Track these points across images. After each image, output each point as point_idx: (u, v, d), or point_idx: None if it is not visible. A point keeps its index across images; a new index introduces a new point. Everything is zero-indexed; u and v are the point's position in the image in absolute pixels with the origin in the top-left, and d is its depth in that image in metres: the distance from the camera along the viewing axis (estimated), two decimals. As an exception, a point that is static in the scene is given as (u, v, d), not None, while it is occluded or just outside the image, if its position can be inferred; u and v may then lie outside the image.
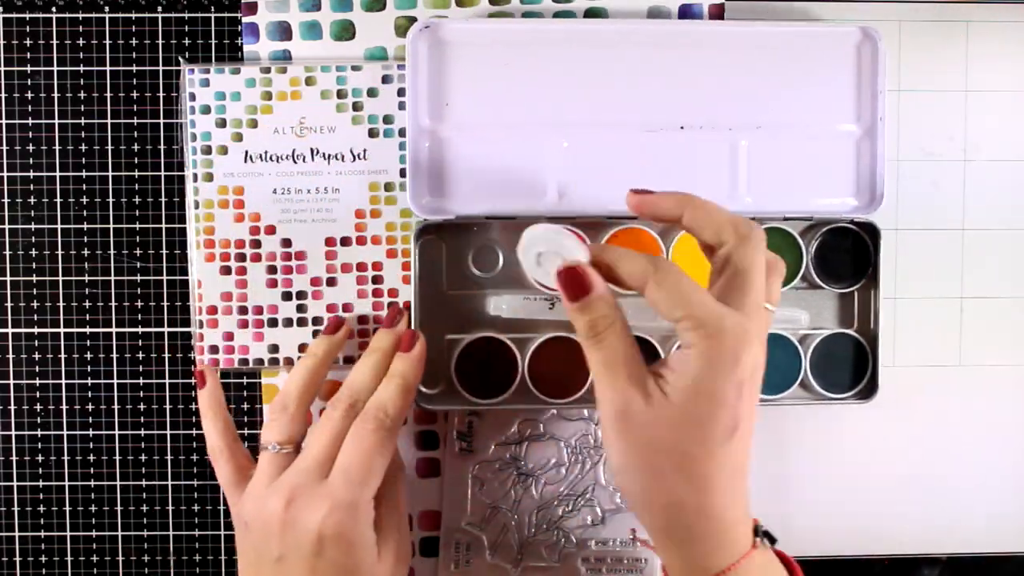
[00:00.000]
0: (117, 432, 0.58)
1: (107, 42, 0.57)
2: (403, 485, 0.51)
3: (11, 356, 0.58)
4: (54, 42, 0.57)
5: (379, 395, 0.49)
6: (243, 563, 0.48)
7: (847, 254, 0.56)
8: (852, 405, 0.56)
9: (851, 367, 0.56)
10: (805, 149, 0.56)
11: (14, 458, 0.58)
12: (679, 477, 0.42)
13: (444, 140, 0.54)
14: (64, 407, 0.58)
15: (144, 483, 0.58)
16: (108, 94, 0.57)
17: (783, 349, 0.55)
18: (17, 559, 0.58)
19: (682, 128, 0.55)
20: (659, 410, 0.41)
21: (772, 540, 0.45)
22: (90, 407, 0.58)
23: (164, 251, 0.57)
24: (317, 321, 0.56)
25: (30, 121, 0.57)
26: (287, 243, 0.56)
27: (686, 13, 0.56)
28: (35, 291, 0.57)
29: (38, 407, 0.58)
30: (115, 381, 0.58)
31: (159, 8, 0.57)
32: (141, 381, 0.58)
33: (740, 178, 0.55)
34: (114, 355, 0.58)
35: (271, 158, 0.55)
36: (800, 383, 0.56)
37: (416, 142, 0.54)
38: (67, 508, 0.58)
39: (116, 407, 0.58)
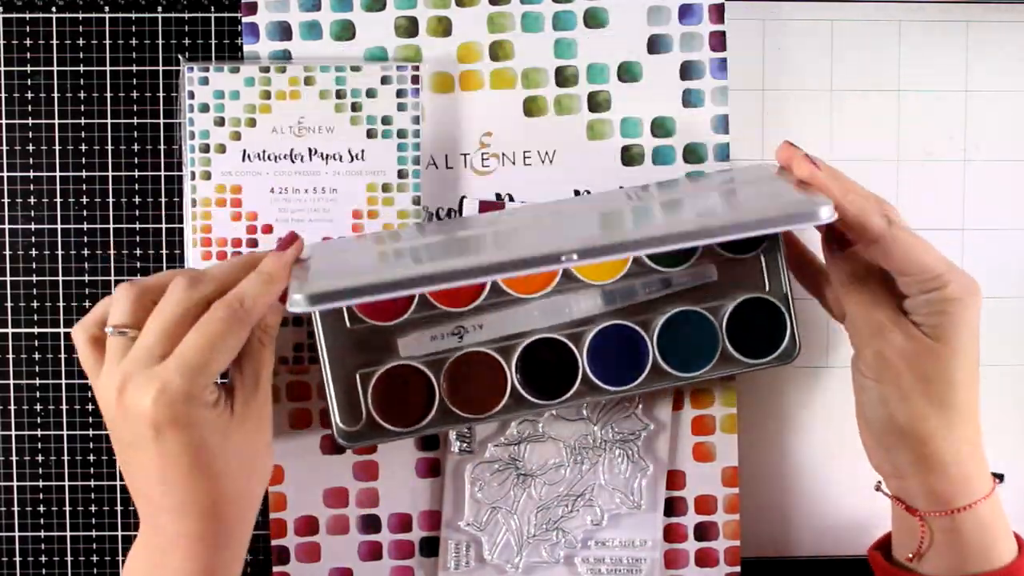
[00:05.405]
0: (117, 432, 0.58)
1: (107, 42, 0.57)
2: (268, 366, 0.49)
3: (11, 356, 0.58)
4: (54, 42, 0.57)
5: (240, 286, 0.47)
6: (113, 444, 0.47)
7: None
8: (773, 368, 0.55)
9: (769, 331, 0.55)
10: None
11: (14, 458, 0.58)
12: (939, 408, 0.47)
13: None
14: (64, 407, 0.58)
15: (144, 483, 0.58)
16: (108, 94, 0.57)
17: (697, 325, 0.54)
18: (17, 559, 0.58)
19: None
20: (921, 343, 0.47)
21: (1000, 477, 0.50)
22: (90, 407, 0.58)
23: (164, 251, 0.58)
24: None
25: (30, 121, 0.57)
26: (284, 243, 0.56)
27: (685, 13, 0.56)
28: (35, 291, 0.57)
29: (38, 407, 0.58)
30: (115, 381, 0.58)
31: (159, 8, 0.57)
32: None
33: None
34: (114, 355, 0.58)
35: (269, 157, 0.55)
36: (721, 355, 0.55)
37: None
38: (67, 508, 0.58)
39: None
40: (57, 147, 0.57)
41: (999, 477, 0.50)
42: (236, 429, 0.47)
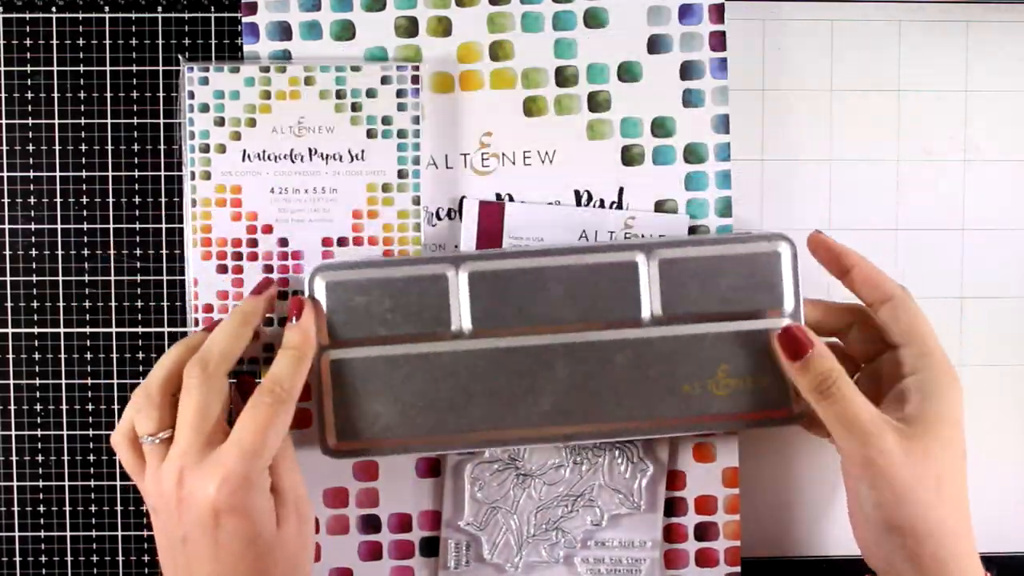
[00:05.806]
0: (117, 432, 0.58)
1: (107, 42, 0.57)
2: (291, 448, 0.51)
3: (11, 356, 0.58)
4: (54, 42, 0.57)
5: (274, 369, 0.49)
6: (159, 548, 0.49)
7: None
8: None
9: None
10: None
11: (14, 458, 0.58)
12: (936, 502, 0.46)
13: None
14: (64, 407, 0.58)
15: (144, 483, 0.58)
16: (108, 94, 0.57)
17: None
18: (17, 559, 0.58)
19: None
20: (910, 442, 0.46)
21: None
22: (90, 407, 0.58)
23: (164, 251, 0.58)
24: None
25: (30, 121, 0.57)
26: (284, 242, 0.56)
27: (685, 13, 0.56)
28: (35, 291, 0.58)
29: (38, 407, 0.58)
30: (115, 381, 0.58)
31: (159, 8, 0.57)
32: (141, 381, 0.57)
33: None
34: (114, 355, 0.58)
35: (269, 157, 0.55)
36: None
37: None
38: (67, 508, 0.58)
39: (115, 407, 0.58)
40: (57, 147, 0.57)
41: (991, 570, 0.49)
42: (283, 524, 0.48)
